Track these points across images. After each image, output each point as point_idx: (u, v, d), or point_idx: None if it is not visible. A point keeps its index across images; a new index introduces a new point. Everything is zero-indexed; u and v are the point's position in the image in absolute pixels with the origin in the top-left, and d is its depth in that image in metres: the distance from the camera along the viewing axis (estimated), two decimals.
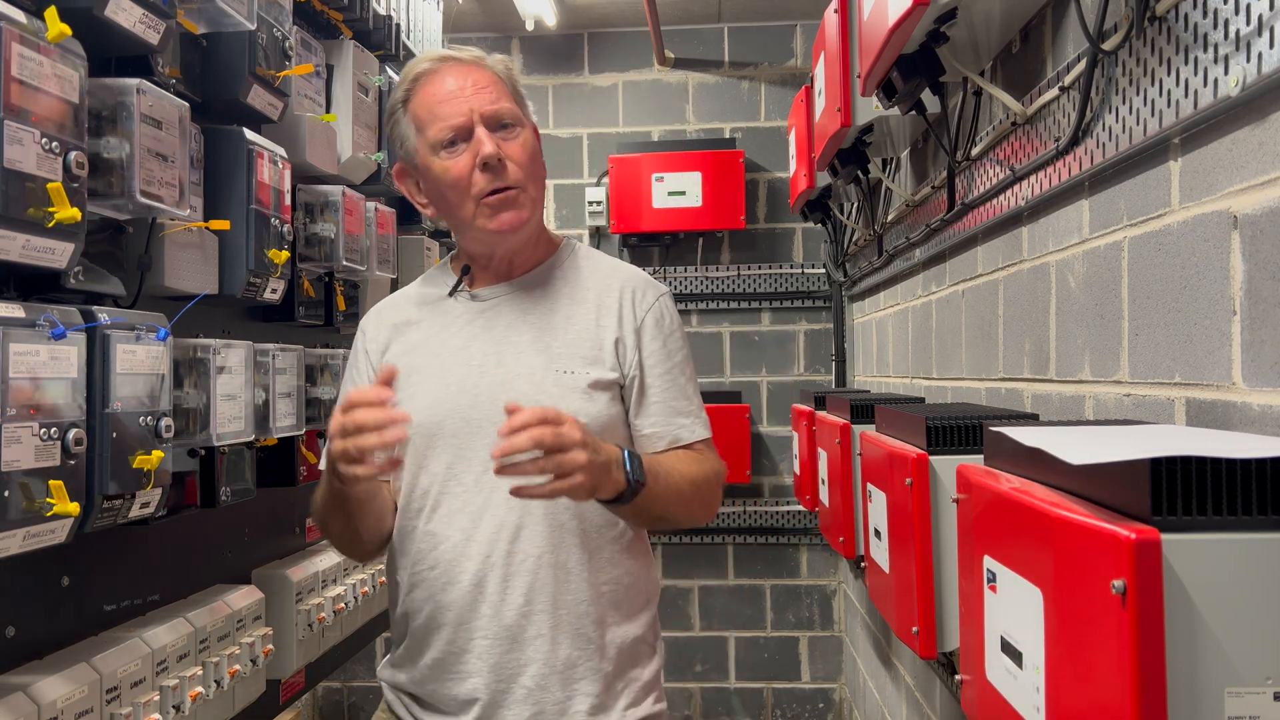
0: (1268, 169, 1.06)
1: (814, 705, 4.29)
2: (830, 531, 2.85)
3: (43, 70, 1.22)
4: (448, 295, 1.55)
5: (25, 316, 1.20)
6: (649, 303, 1.54)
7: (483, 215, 1.46)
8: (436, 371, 1.49)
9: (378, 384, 1.32)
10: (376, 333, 1.57)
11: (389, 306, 1.61)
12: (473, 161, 1.44)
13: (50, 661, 1.41)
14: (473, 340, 1.51)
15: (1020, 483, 1.05)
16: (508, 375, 1.47)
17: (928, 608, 1.60)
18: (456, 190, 1.46)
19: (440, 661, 1.46)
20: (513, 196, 1.45)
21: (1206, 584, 0.79)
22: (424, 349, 1.52)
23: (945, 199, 2.18)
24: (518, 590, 1.43)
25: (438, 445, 1.47)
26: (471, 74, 1.47)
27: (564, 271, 1.56)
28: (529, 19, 3.98)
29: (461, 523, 1.45)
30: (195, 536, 1.84)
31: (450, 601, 1.44)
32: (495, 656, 1.44)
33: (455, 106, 1.44)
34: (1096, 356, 1.51)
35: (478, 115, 1.44)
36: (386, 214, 2.42)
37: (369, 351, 1.56)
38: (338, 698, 4.42)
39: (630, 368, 1.51)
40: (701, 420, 1.55)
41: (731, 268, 4.30)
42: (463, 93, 1.45)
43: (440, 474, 1.47)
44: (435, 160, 1.46)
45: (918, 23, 1.64)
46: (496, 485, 1.43)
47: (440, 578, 1.45)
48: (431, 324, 1.54)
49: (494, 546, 1.44)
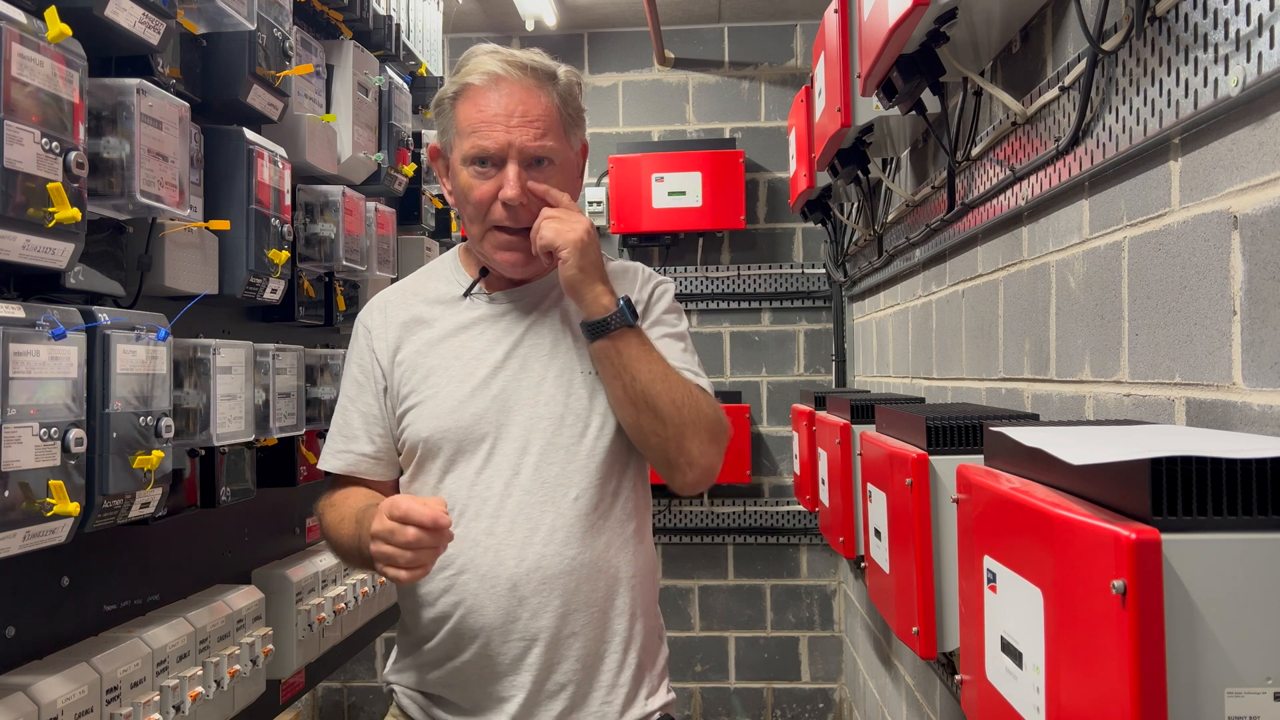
0: (1268, 169, 1.06)
1: (814, 705, 4.29)
2: (830, 531, 2.85)
3: (43, 70, 1.22)
4: (462, 296, 1.54)
5: (25, 316, 1.20)
6: (652, 285, 1.58)
7: (491, 242, 1.47)
8: (459, 374, 1.48)
9: (435, 509, 1.26)
10: (385, 331, 1.54)
11: (395, 303, 1.57)
12: (496, 190, 1.43)
13: (50, 661, 1.41)
14: (495, 344, 1.50)
15: (1020, 483, 1.05)
16: (534, 379, 1.47)
17: (928, 608, 1.60)
18: (475, 209, 1.46)
19: (475, 664, 1.46)
20: (524, 243, 1.46)
21: (1206, 584, 0.79)
22: (442, 350, 1.50)
23: (945, 199, 2.18)
24: (554, 592, 1.43)
25: (466, 450, 1.46)
26: (526, 102, 1.43)
27: None
28: (529, 19, 3.98)
29: (493, 527, 1.44)
30: (195, 536, 1.84)
31: (484, 606, 1.43)
32: (533, 656, 1.44)
33: (495, 133, 1.42)
34: (1097, 356, 1.51)
35: (515, 150, 1.42)
36: (386, 214, 2.42)
37: (377, 351, 1.53)
38: (338, 698, 4.41)
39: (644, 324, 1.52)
40: (705, 379, 1.52)
41: (731, 268, 4.30)
42: (509, 120, 1.42)
43: (470, 478, 1.46)
44: (464, 170, 1.45)
45: (918, 23, 1.64)
46: (528, 488, 1.44)
47: (471, 582, 1.44)
48: (448, 323, 1.52)
49: (527, 550, 1.43)
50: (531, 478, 1.44)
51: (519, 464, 1.45)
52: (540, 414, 1.46)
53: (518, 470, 1.45)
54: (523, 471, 1.45)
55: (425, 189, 2.80)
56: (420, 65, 2.80)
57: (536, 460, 1.45)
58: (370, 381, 1.53)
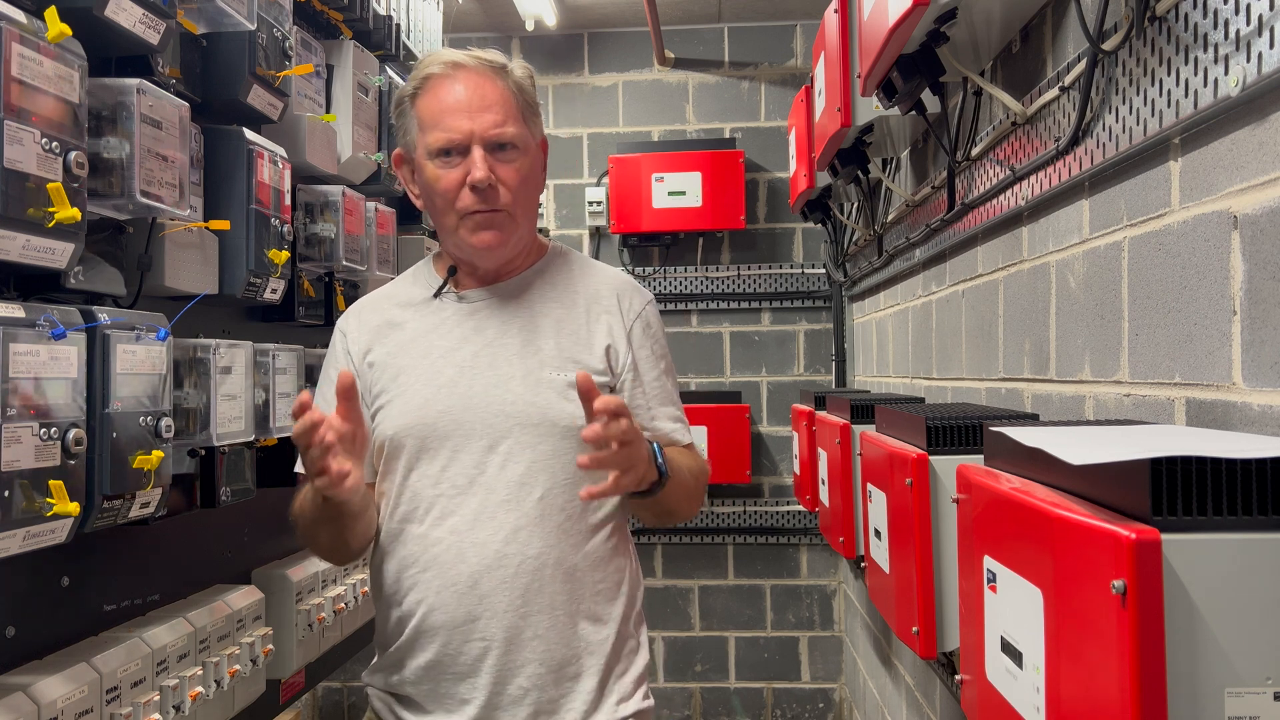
0: (1268, 169, 1.06)
1: (814, 705, 4.29)
2: (830, 531, 2.85)
3: (43, 70, 1.22)
4: (432, 296, 1.55)
5: (25, 316, 1.20)
6: (637, 309, 1.57)
7: (465, 228, 1.47)
8: (426, 373, 1.49)
9: (338, 394, 1.32)
10: (359, 335, 1.55)
11: (369, 307, 1.59)
12: (463, 178, 1.44)
13: (50, 661, 1.41)
14: (463, 343, 1.50)
15: (1020, 483, 1.05)
16: (500, 378, 1.47)
17: (928, 608, 1.60)
18: (444, 199, 1.46)
19: (436, 663, 1.46)
20: (497, 219, 1.46)
21: (1206, 584, 0.79)
22: (411, 350, 1.51)
23: (945, 199, 2.18)
24: (515, 592, 1.43)
25: (430, 447, 1.46)
26: (483, 88, 1.45)
27: (552, 276, 1.57)
28: (529, 19, 3.98)
29: (456, 525, 1.45)
30: (195, 536, 1.84)
31: (445, 604, 1.44)
32: (493, 658, 1.44)
33: (457, 121, 1.43)
34: (1096, 356, 1.51)
35: (478, 136, 1.43)
36: (386, 214, 2.42)
37: (353, 354, 1.55)
38: (338, 698, 4.41)
39: (623, 370, 1.53)
40: (685, 424, 1.60)
41: (731, 268, 4.30)
42: (469, 108, 1.44)
43: (433, 476, 1.46)
44: (430, 165, 1.46)
45: (918, 23, 1.64)
46: (491, 487, 1.44)
47: (434, 580, 1.45)
48: (418, 325, 1.53)
49: (489, 548, 1.43)
50: (496, 476, 1.44)
51: (484, 462, 1.45)
52: (506, 413, 1.46)
53: (482, 468, 1.45)
54: (487, 470, 1.45)
55: None
56: None
57: (502, 459, 1.45)
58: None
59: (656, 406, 1.55)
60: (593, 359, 1.50)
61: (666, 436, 1.55)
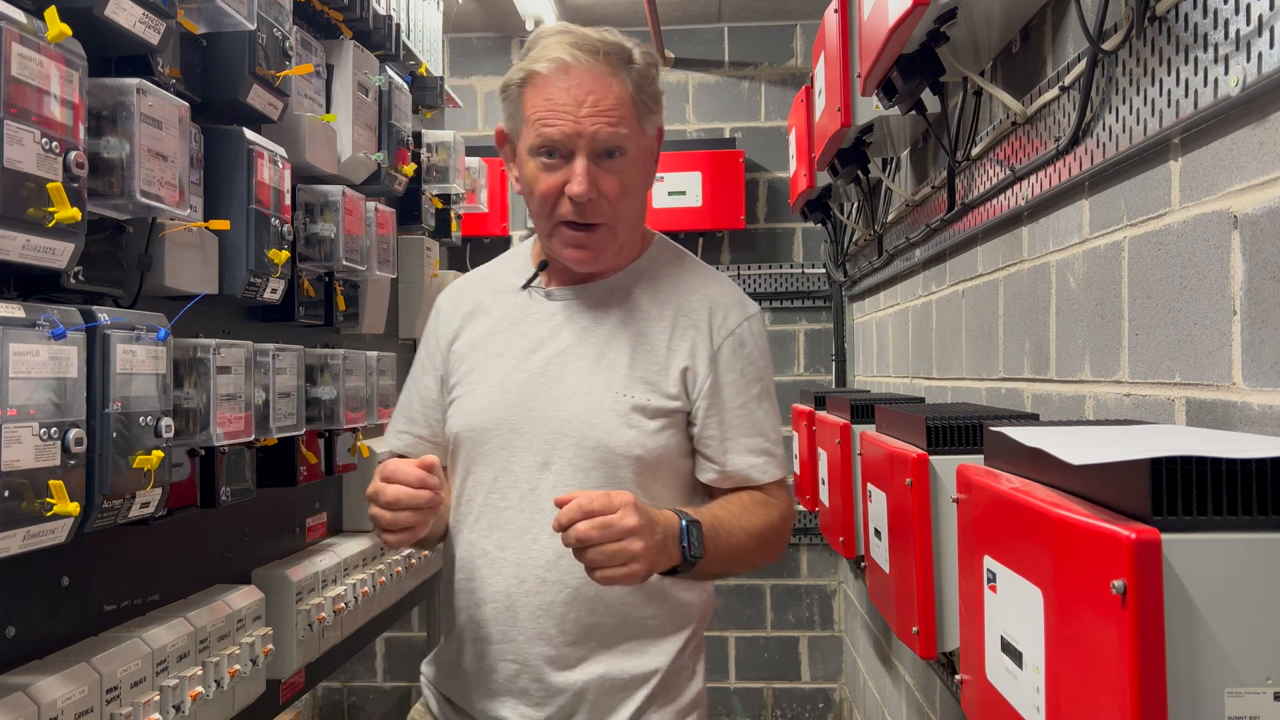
0: (1268, 169, 1.06)
1: (814, 705, 4.29)
2: (830, 531, 2.85)
3: (43, 70, 1.22)
4: (521, 288, 1.50)
5: (25, 316, 1.20)
6: (730, 326, 1.45)
7: (558, 238, 1.39)
8: (496, 375, 1.45)
9: (419, 466, 1.28)
10: (450, 318, 1.53)
11: (466, 288, 1.56)
12: (563, 184, 1.35)
13: (50, 661, 1.41)
14: (539, 346, 1.44)
15: (1020, 483, 1.05)
16: (565, 392, 1.41)
17: (928, 608, 1.60)
18: (541, 202, 1.38)
19: (472, 674, 1.44)
20: (592, 239, 1.38)
21: (1206, 584, 0.79)
22: (489, 344, 1.48)
23: (945, 199, 2.18)
24: (551, 620, 1.38)
25: (486, 453, 1.43)
26: (595, 90, 1.32)
27: (647, 280, 1.47)
28: (529, 19, 3.98)
29: (501, 540, 1.41)
30: (195, 536, 1.84)
31: (483, 618, 1.41)
32: (524, 681, 1.40)
33: (564, 124, 1.32)
34: (1096, 356, 1.51)
35: (584, 142, 1.33)
36: (386, 214, 2.42)
37: (441, 336, 1.53)
38: (338, 698, 4.41)
39: (699, 396, 1.42)
40: (776, 459, 1.45)
41: (731, 268, 4.30)
42: (578, 109, 1.32)
43: (485, 484, 1.43)
44: (530, 160, 1.37)
45: (918, 23, 1.64)
46: (540, 507, 1.38)
47: (475, 590, 1.42)
48: (502, 317, 1.49)
49: (529, 570, 1.39)
50: (546, 496, 1.36)
51: (537, 479, 1.39)
52: (562, 430, 1.39)
53: (535, 485, 1.39)
54: (540, 487, 1.39)
55: (425, 189, 2.80)
56: (420, 65, 2.81)
57: (554, 479, 1.39)
58: (432, 365, 1.54)
59: (735, 438, 1.42)
60: (666, 381, 1.41)
61: (741, 475, 1.43)
